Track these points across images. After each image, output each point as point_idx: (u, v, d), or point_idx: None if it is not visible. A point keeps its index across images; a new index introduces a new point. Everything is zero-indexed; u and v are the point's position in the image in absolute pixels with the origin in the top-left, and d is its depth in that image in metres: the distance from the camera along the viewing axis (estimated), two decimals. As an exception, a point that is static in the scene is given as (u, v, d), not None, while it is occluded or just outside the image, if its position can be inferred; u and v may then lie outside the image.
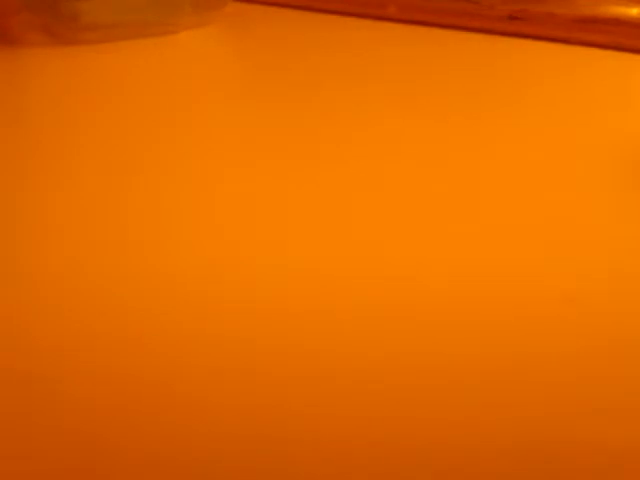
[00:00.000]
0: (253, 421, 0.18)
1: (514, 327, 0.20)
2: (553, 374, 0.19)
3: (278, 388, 0.19)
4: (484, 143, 0.30)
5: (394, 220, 0.25)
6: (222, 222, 0.25)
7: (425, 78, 0.36)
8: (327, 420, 0.18)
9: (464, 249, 0.24)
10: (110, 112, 0.33)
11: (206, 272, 0.23)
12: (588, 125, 0.31)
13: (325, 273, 0.23)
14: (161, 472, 0.16)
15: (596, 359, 0.19)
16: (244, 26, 0.43)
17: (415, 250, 0.24)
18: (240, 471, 0.16)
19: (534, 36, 0.41)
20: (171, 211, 0.26)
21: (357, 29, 0.43)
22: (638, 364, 0.19)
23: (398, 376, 0.19)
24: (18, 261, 0.23)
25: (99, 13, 0.39)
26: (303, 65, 0.38)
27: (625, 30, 0.39)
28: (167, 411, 0.18)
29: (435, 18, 0.43)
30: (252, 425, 0.18)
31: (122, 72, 0.37)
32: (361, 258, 0.23)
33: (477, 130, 0.31)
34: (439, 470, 0.16)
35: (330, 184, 0.27)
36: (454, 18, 0.43)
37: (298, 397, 0.18)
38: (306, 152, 0.29)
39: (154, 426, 0.17)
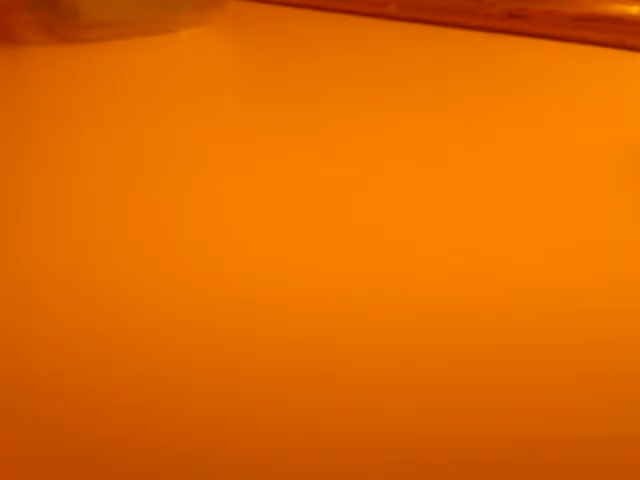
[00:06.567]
0: (253, 421, 0.18)
1: (514, 326, 0.20)
2: (553, 374, 0.19)
3: (278, 388, 0.19)
4: (484, 141, 0.30)
5: (396, 219, 0.25)
6: (222, 221, 0.25)
7: (425, 76, 0.36)
8: (327, 420, 0.18)
9: (465, 248, 0.24)
10: (110, 110, 0.33)
11: (207, 270, 0.23)
12: (588, 123, 0.31)
13: (326, 273, 0.23)
14: (161, 471, 0.16)
15: (596, 358, 0.19)
16: (244, 24, 0.43)
17: (417, 249, 0.24)
18: (241, 471, 0.16)
19: (534, 34, 0.41)
20: (171, 209, 0.26)
21: (357, 27, 0.43)
22: (638, 363, 0.19)
23: (399, 376, 0.19)
24: (18, 260, 0.23)
25: (99, 11, 0.39)
26: (303, 63, 0.38)
27: (625, 28, 0.39)
28: (168, 411, 0.18)
29: (435, 16, 0.43)
30: (252, 425, 0.18)
31: (122, 70, 0.37)
32: (364, 258, 0.23)
33: (477, 128, 0.31)
34: (440, 470, 0.16)
35: (331, 183, 0.27)
36: (454, 16, 0.43)
37: (298, 397, 0.18)
38: (307, 151, 0.29)
39: (154, 425, 0.18)
